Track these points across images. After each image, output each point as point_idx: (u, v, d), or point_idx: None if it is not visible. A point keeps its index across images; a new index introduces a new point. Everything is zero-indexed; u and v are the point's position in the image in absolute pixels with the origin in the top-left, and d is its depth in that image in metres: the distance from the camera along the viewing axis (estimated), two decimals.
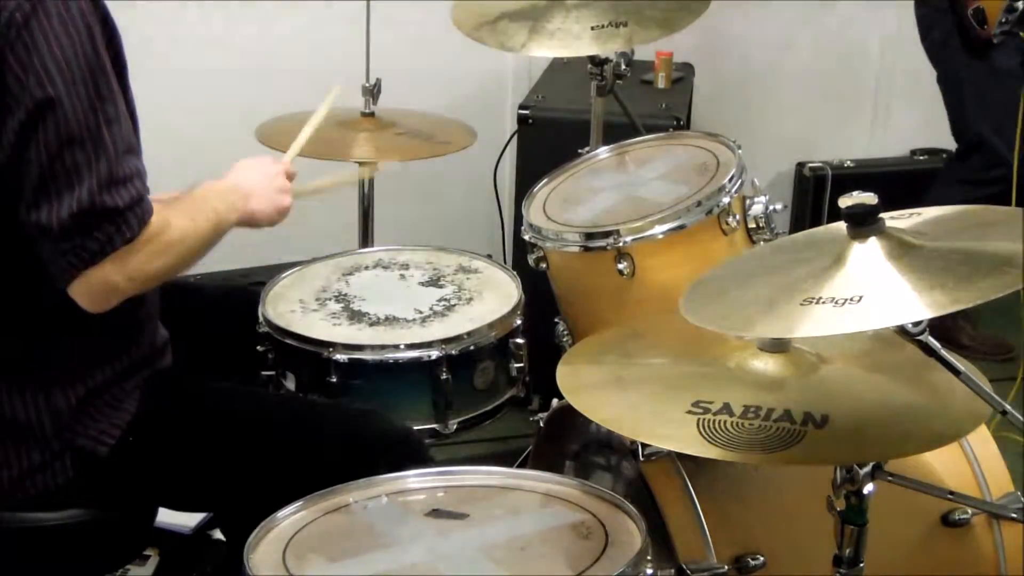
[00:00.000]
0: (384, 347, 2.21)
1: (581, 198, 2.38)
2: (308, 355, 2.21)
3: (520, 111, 3.38)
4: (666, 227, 2.17)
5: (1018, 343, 3.61)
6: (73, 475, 1.88)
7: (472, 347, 2.25)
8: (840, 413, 1.59)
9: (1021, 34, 3.53)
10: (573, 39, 2.54)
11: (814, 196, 4.14)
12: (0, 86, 1.69)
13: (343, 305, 2.36)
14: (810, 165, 4.17)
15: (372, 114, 2.94)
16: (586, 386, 1.77)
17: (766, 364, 1.71)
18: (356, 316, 2.32)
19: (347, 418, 2.05)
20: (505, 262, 3.12)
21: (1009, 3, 3.48)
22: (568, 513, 1.67)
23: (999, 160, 3.56)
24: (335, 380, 2.18)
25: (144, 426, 1.91)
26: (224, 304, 2.38)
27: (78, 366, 1.87)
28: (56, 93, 1.68)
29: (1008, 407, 1.56)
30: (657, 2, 2.60)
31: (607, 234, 2.18)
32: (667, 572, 1.74)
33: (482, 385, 2.29)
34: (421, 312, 2.33)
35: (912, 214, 1.62)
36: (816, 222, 4.05)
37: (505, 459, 2.76)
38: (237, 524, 1.82)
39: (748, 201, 2.25)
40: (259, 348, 2.27)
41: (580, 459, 2.23)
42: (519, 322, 2.33)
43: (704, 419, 1.58)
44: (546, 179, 2.46)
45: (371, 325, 2.29)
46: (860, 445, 1.57)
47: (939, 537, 1.98)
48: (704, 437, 1.56)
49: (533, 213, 2.35)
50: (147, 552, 2.54)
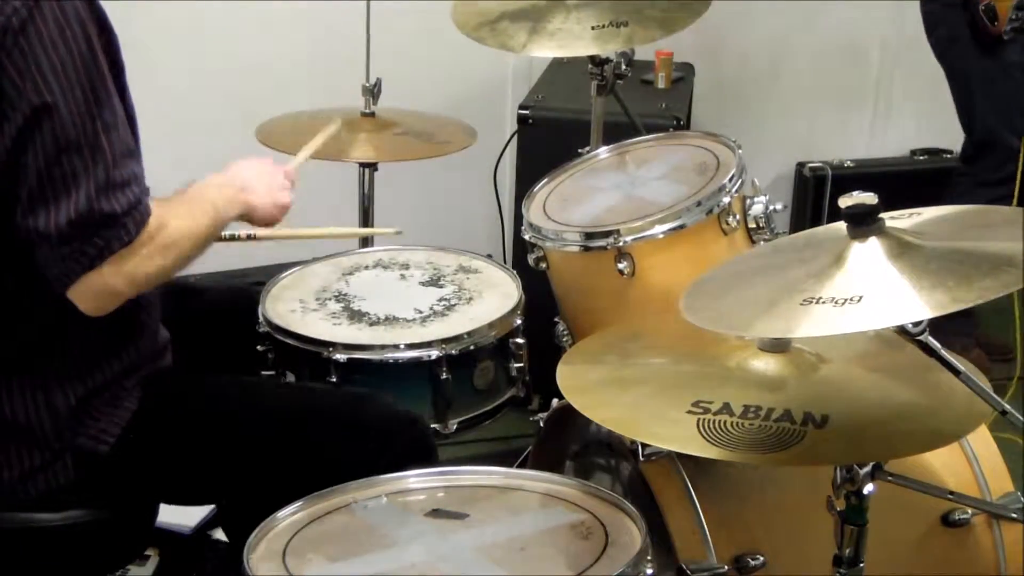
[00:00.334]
0: (384, 347, 2.21)
1: (581, 198, 2.38)
2: (308, 355, 2.21)
3: (520, 111, 3.38)
4: (666, 227, 2.17)
5: (1014, 343, 3.61)
6: (74, 475, 1.88)
7: (472, 347, 2.25)
8: (840, 413, 1.59)
9: None
10: (573, 39, 2.54)
11: (814, 196, 4.14)
12: None
13: (343, 305, 2.36)
14: (810, 165, 4.17)
15: (372, 114, 2.94)
16: (586, 386, 1.77)
17: (766, 364, 1.71)
18: (356, 316, 2.32)
19: (349, 402, 2.04)
20: (505, 262, 3.12)
21: (1020, 0, 3.49)
22: (568, 513, 1.66)
23: (1012, 155, 3.57)
24: (335, 380, 2.18)
25: (144, 424, 1.91)
26: (224, 304, 2.38)
27: (78, 366, 1.87)
28: (53, 99, 1.68)
29: (1008, 407, 1.56)
30: (657, 2, 2.60)
31: (607, 234, 2.18)
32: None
33: (482, 385, 2.29)
34: (421, 312, 2.33)
35: (912, 214, 1.62)
36: (816, 222, 4.05)
37: (505, 459, 2.75)
38: (240, 517, 1.82)
39: (748, 201, 2.25)
40: (259, 348, 2.27)
41: (580, 459, 2.23)
42: (519, 322, 2.33)
43: (704, 419, 1.58)
44: (546, 179, 2.46)
45: (371, 325, 2.29)
46: (860, 445, 1.57)
47: (939, 537, 1.98)
48: (704, 437, 1.56)
49: (533, 213, 2.35)
50: (147, 552, 2.54)
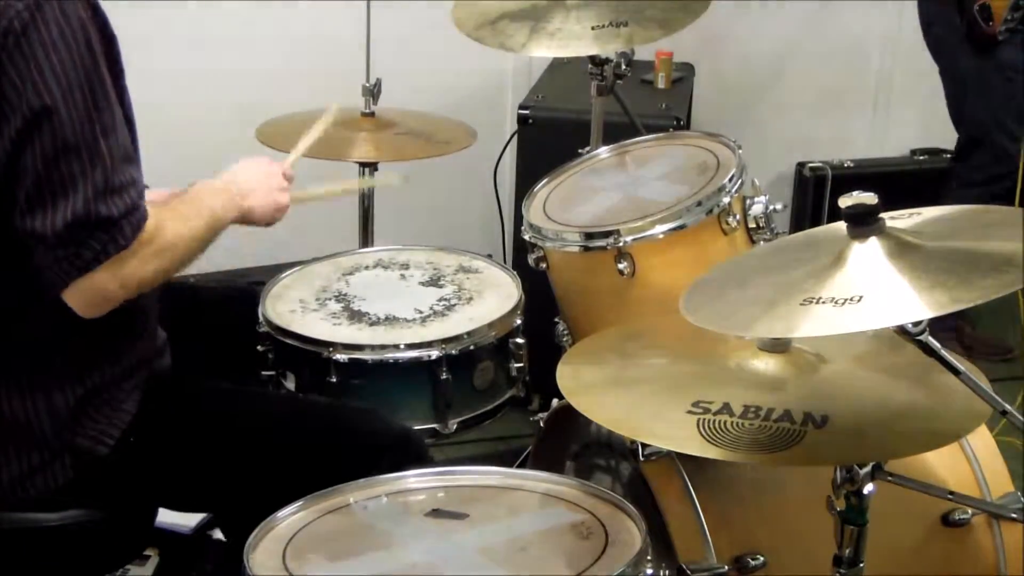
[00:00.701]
0: (384, 347, 2.21)
1: (581, 198, 2.38)
2: (308, 355, 2.21)
3: (520, 111, 3.38)
4: (666, 227, 2.17)
5: (1016, 343, 3.61)
6: (73, 475, 1.88)
7: (472, 347, 2.25)
8: (840, 413, 1.58)
9: None
10: (573, 39, 2.54)
11: (814, 196, 4.13)
12: None
13: (343, 305, 2.36)
14: (810, 165, 4.16)
15: (372, 114, 2.94)
16: (586, 386, 1.77)
17: (766, 364, 1.71)
18: (356, 316, 2.32)
19: (347, 417, 2.05)
20: (505, 262, 3.12)
21: (1015, 1, 3.50)
22: (568, 513, 1.66)
23: (1002, 154, 3.57)
24: (335, 380, 2.18)
25: (144, 426, 1.91)
26: (224, 304, 2.39)
27: (77, 367, 1.87)
28: (53, 102, 1.68)
29: (1008, 407, 1.55)
30: (657, 2, 2.60)
31: (607, 234, 2.18)
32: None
33: (482, 385, 2.29)
34: (421, 312, 2.33)
35: (912, 214, 1.62)
36: (816, 222, 4.05)
37: (505, 459, 2.75)
38: (237, 524, 1.82)
39: (748, 201, 2.25)
40: (259, 348, 2.27)
41: (580, 459, 2.23)
42: (519, 322, 2.33)
43: (704, 419, 1.58)
44: (546, 179, 2.46)
45: (371, 325, 2.29)
46: (860, 445, 1.57)
47: (939, 537, 1.98)
48: (704, 437, 1.56)
49: (533, 213, 2.35)
50: (147, 552, 2.54)
